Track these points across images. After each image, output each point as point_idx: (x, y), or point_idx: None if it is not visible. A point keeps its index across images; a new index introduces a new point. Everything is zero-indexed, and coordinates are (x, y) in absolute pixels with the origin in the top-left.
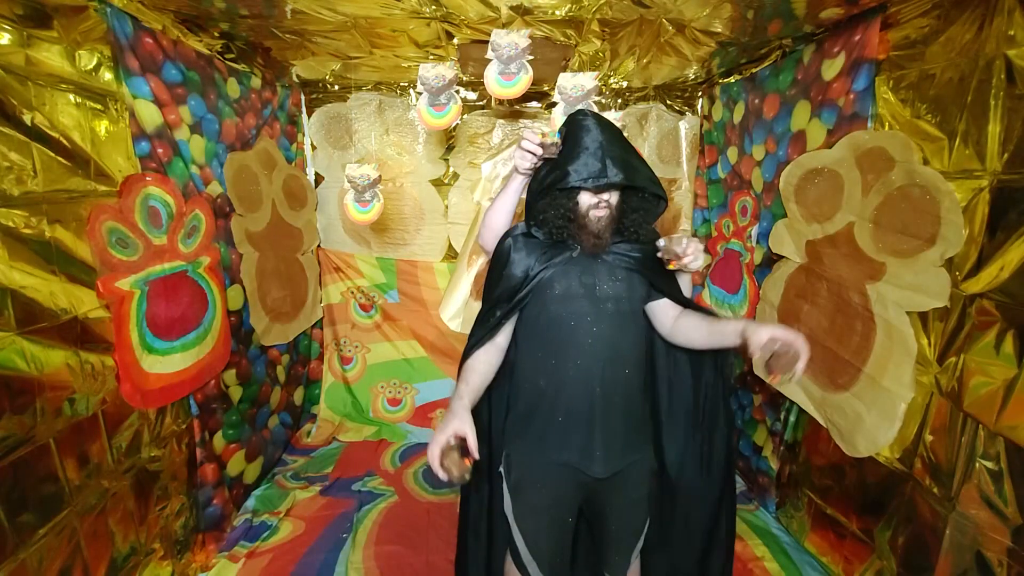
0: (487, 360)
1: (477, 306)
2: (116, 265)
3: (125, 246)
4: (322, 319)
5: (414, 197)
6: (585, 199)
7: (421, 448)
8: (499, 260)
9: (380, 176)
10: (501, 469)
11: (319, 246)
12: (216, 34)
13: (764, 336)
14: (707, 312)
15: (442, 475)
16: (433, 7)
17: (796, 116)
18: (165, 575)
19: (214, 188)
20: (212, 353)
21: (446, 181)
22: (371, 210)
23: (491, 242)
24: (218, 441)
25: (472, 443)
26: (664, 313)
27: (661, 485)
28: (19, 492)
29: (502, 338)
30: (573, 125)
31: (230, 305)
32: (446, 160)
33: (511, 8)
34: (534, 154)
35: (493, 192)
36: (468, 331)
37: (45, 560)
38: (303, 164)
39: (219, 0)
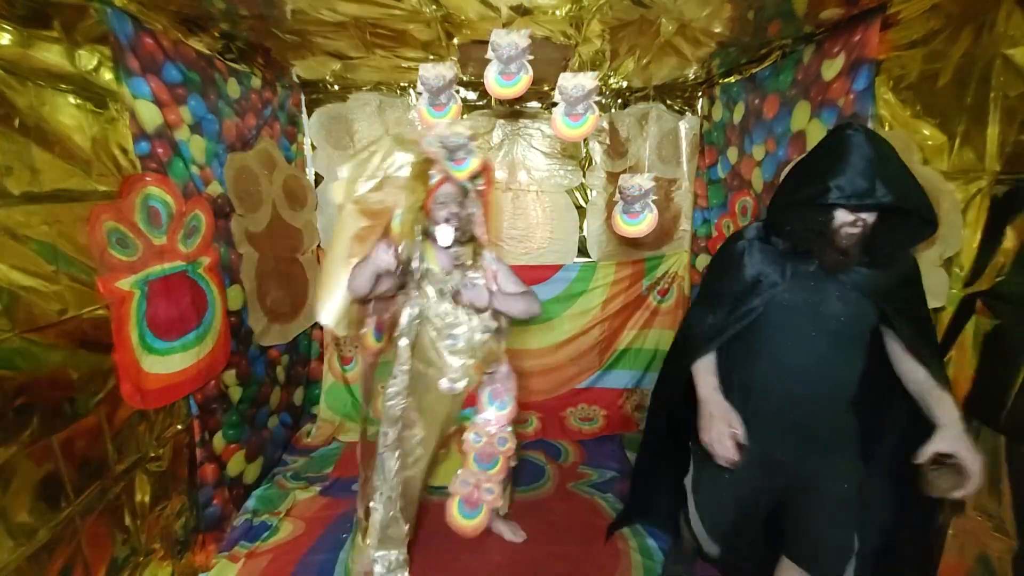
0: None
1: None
2: (116, 265)
3: (125, 246)
4: None
5: None
6: (841, 216)
7: None
8: (728, 260)
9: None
10: (692, 444)
11: (319, 246)
12: (216, 34)
13: (941, 446)
14: (934, 371)
15: (728, 460)
16: (433, 7)
17: (796, 116)
18: (165, 575)
19: (214, 188)
20: (212, 353)
21: None
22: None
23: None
24: (218, 441)
25: (741, 433)
26: (891, 346)
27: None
28: (19, 492)
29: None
30: (839, 139)
31: (230, 305)
32: None
33: (511, 8)
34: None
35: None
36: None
37: (45, 560)
38: (303, 164)
39: (219, 0)
